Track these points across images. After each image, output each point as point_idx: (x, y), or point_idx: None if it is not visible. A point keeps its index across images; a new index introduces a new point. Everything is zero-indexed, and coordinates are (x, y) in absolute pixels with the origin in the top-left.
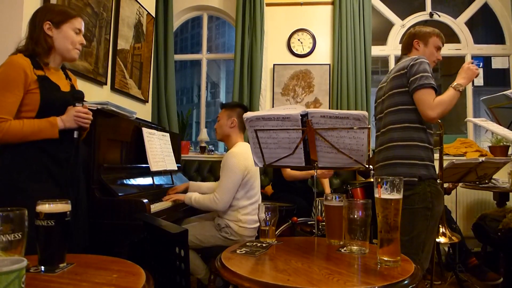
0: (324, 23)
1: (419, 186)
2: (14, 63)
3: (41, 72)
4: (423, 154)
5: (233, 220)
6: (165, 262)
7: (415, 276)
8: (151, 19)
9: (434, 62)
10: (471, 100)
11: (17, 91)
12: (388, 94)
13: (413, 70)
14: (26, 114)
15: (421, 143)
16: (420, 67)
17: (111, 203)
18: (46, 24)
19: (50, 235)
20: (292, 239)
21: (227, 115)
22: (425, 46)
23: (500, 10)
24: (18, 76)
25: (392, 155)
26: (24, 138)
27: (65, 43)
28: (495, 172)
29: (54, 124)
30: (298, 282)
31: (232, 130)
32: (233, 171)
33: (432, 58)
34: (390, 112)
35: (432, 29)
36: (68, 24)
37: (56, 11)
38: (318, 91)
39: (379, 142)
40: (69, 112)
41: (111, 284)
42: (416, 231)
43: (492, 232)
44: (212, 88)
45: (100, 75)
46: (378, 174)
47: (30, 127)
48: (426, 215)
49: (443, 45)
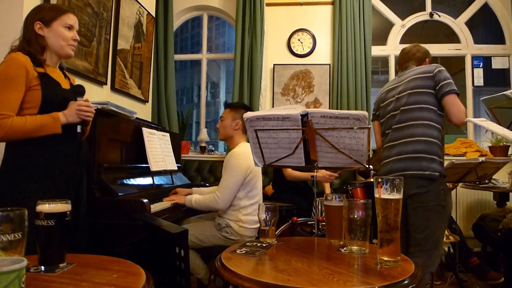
0: (324, 23)
1: (433, 183)
2: (14, 60)
3: (41, 69)
4: (440, 151)
5: (234, 220)
6: (165, 262)
7: (415, 276)
8: (151, 19)
9: None
10: (471, 100)
11: (19, 87)
12: (409, 93)
13: (442, 76)
14: (28, 111)
15: (438, 141)
16: (447, 74)
17: (111, 203)
18: (36, 24)
19: (50, 235)
20: (292, 239)
21: (231, 116)
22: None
23: (500, 10)
24: (19, 73)
25: (413, 149)
26: (27, 134)
27: (57, 40)
28: (495, 172)
29: (57, 119)
30: (298, 282)
31: (236, 132)
32: (235, 170)
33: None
34: (412, 109)
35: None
36: (58, 21)
37: (46, 9)
38: (318, 91)
39: (391, 138)
40: (71, 107)
41: (111, 284)
42: (431, 228)
43: (492, 232)
44: (212, 88)
45: (100, 75)
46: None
47: (33, 123)
48: (441, 213)
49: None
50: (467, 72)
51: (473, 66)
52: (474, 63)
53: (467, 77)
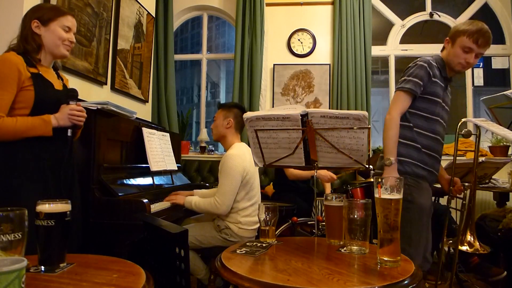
0: (324, 23)
1: None
2: (6, 61)
3: (34, 70)
4: (402, 150)
5: (233, 222)
6: (165, 262)
7: (415, 276)
8: (151, 19)
9: (461, 65)
10: (471, 100)
11: (11, 88)
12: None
13: (406, 72)
14: (20, 111)
15: (403, 140)
16: (412, 71)
17: (111, 203)
18: (34, 23)
19: (50, 235)
20: (292, 239)
21: (223, 116)
22: (452, 46)
23: (500, 10)
24: (11, 73)
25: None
26: (17, 135)
27: (53, 39)
28: (495, 172)
29: (48, 122)
30: (298, 282)
31: (228, 131)
32: (231, 174)
33: (456, 60)
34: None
35: (468, 27)
36: (56, 22)
37: (45, 9)
38: (318, 91)
39: None
40: (63, 110)
41: (111, 284)
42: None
43: (492, 232)
44: (212, 88)
45: (100, 75)
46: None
47: (24, 124)
48: (408, 208)
49: (479, 45)
50: (467, 72)
51: (473, 66)
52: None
53: (467, 77)
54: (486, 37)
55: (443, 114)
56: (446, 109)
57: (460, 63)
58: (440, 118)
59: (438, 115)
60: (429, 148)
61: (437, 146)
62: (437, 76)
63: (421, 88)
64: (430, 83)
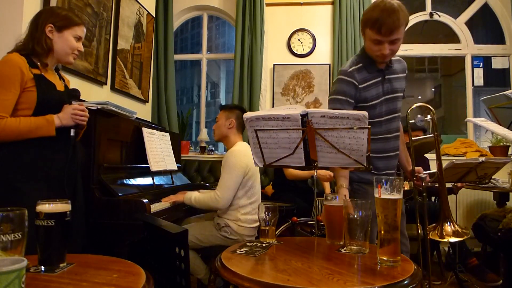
0: (324, 23)
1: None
2: (9, 62)
3: (36, 71)
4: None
5: (233, 219)
6: (165, 262)
7: (415, 276)
8: (151, 19)
9: (380, 57)
10: (471, 100)
11: (14, 89)
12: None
13: (330, 89)
14: (22, 112)
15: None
16: (333, 88)
17: (111, 203)
18: (48, 27)
19: (50, 235)
20: (292, 239)
21: (225, 116)
22: (365, 40)
23: (500, 10)
24: (14, 74)
25: None
26: (21, 136)
27: (64, 47)
28: (495, 172)
29: (51, 122)
30: (298, 282)
31: (230, 131)
32: (234, 168)
33: (373, 54)
34: None
35: (370, 14)
36: (70, 30)
37: (61, 16)
38: (318, 91)
39: None
40: (66, 110)
41: (111, 284)
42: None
43: (492, 232)
44: (212, 88)
45: (100, 75)
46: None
47: (27, 124)
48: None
49: (383, 34)
50: (467, 72)
51: (473, 66)
52: (474, 63)
53: (467, 77)
54: (388, 23)
55: (389, 106)
56: (392, 100)
57: (377, 56)
58: (385, 115)
59: (380, 115)
60: (378, 151)
61: (387, 145)
62: (366, 77)
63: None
64: (358, 91)
